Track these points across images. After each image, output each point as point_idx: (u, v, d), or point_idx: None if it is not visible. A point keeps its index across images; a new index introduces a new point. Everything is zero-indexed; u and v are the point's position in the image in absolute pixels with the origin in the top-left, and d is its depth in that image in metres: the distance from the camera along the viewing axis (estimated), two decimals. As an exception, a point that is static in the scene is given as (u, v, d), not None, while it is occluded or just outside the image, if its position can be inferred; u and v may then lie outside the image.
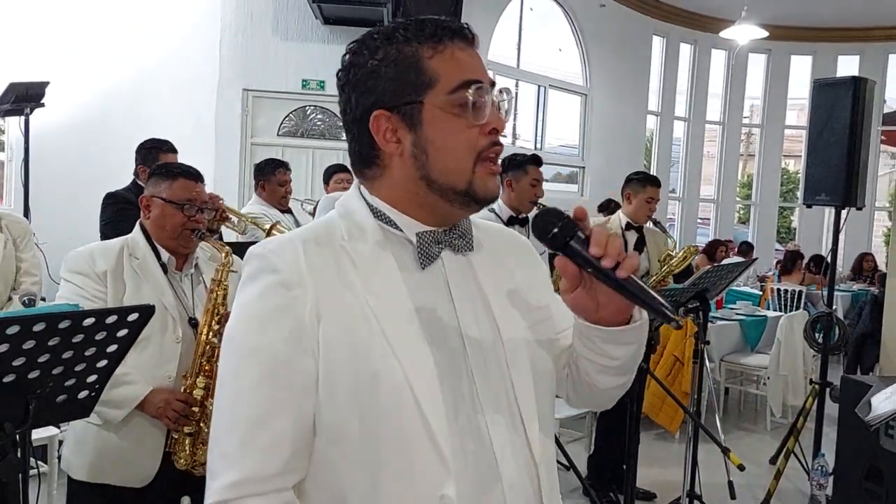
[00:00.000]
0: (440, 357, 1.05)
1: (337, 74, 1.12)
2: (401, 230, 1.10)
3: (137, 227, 2.34)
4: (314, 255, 1.05)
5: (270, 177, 4.47)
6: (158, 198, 2.29)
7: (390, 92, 1.06)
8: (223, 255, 2.30)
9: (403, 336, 1.03)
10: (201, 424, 2.18)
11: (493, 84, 1.08)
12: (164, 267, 2.27)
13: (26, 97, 5.06)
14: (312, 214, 4.60)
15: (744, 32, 9.15)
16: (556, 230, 1.03)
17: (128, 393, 2.10)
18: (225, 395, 1.05)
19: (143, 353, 2.15)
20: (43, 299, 4.77)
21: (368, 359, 1.02)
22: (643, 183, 4.15)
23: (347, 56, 1.11)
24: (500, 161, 1.12)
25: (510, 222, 3.61)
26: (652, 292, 1.02)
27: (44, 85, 5.17)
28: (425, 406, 1.01)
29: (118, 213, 3.81)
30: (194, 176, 2.34)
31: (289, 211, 4.55)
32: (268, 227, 3.82)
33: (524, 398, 1.10)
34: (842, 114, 4.16)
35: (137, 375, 2.13)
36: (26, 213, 5.13)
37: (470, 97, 1.05)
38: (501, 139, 1.11)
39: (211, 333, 2.20)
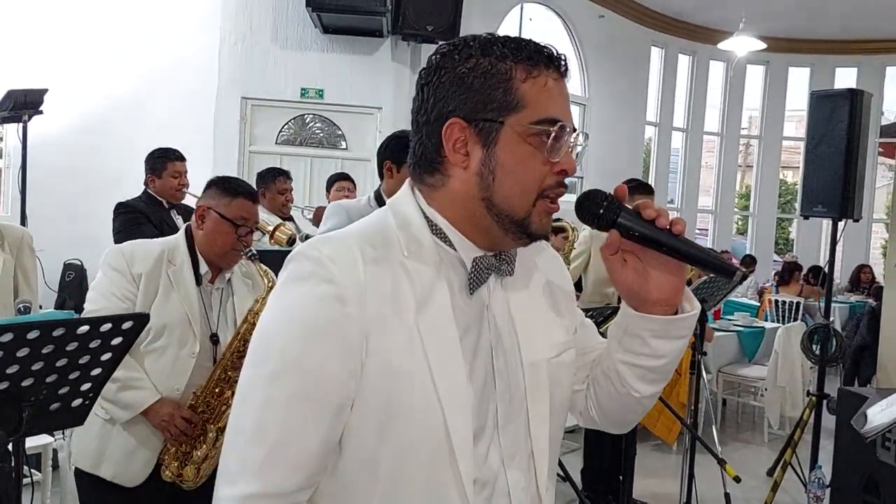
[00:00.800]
0: (474, 391, 1.04)
1: (420, 73, 1.08)
2: (454, 249, 1.06)
3: (183, 231, 2.33)
4: (372, 269, 1.00)
5: (271, 185, 4.51)
6: (216, 212, 2.27)
7: (473, 103, 1.02)
8: (266, 283, 2.30)
9: (446, 370, 1.00)
10: (195, 444, 2.19)
11: (574, 129, 1.06)
12: (198, 278, 2.27)
13: (24, 104, 5.05)
14: (314, 223, 4.61)
15: (742, 44, 9.19)
16: (602, 210, 1.05)
17: (136, 397, 2.13)
18: (254, 400, 0.99)
19: (158, 362, 2.19)
20: (40, 306, 4.76)
21: (407, 388, 0.99)
22: (633, 190, 4.13)
23: (436, 57, 1.06)
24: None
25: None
26: (709, 249, 1.07)
27: (42, 92, 5.16)
28: (457, 445, 1.00)
29: (129, 223, 3.85)
30: (253, 196, 2.35)
31: (290, 219, 4.57)
32: (270, 229, 3.83)
33: (537, 434, 1.10)
34: (839, 126, 4.17)
35: (148, 382, 2.16)
36: (23, 221, 5.12)
37: (552, 135, 1.02)
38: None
39: (231, 364, 2.20)
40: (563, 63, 1.06)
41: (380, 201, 2.75)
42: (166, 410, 2.14)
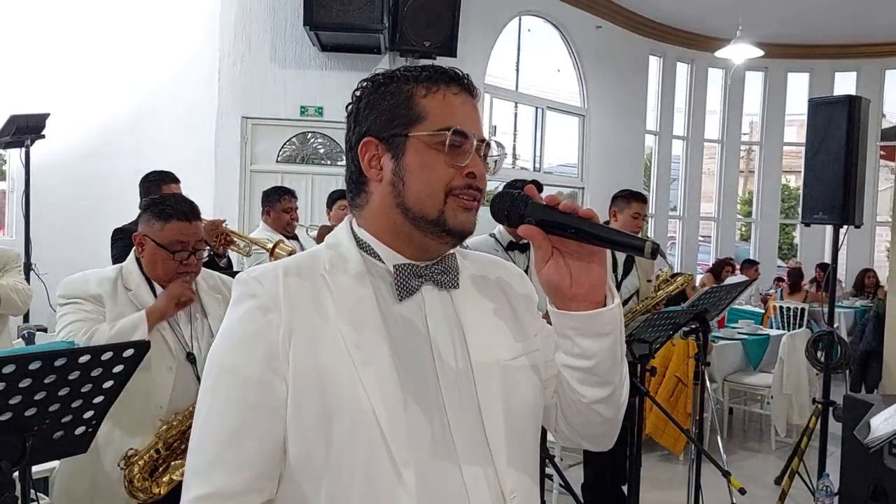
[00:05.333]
0: (410, 389, 1.08)
1: (346, 108, 1.19)
2: (382, 261, 1.14)
3: (132, 257, 2.29)
4: (293, 283, 1.10)
5: (276, 203, 4.54)
6: (150, 238, 2.22)
7: (381, 122, 1.13)
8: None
9: (372, 365, 1.06)
10: (166, 460, 2.13)
11: (482, 140, 1.14)
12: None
13: (27, 129, 5.10)
14: (319, 242, 4.63)
15: (739, 52, 9.20)
16: (510, 202, 1.13)
17: (132, 319, 2.11)
18: (200, 412, 1.10)
19: (136, 381, 2.08)
20: (44, 329, 4.78)
21: (335, 385, 1.05)
22: (628, 199, 4.11)
23: (357, 91, 1.18)
24: (483, 198, 1.16)
25: (510, 247, 3.62)
26: (616, 230, 1.11)
27: (44, 117, 5.21)
28: (389, 435, 1.04)
29: (127, 249, 3.83)
30: (187, 215, 2.23)
31: (295, 237, 4.59)
32: (270, 246, 3.86)
33: (493, 434, 1.12)
34: (837, 132, 4.17)
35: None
36: (27, 244, 5.15)
37: (448, 140, 1.11)
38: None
39: None
40: (464, 80, 1.16)
41: None
42: (175, 291, 2.15)
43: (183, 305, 2.20)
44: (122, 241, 3.88)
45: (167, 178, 4.08)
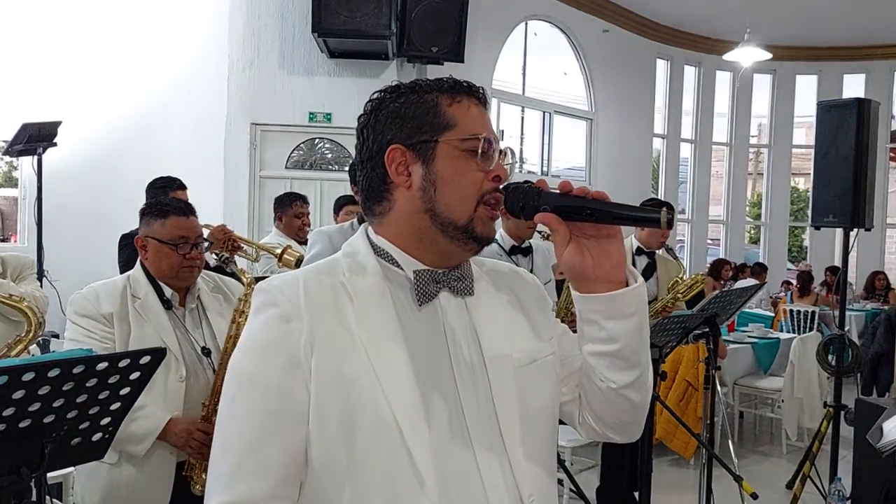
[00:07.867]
0: (429, 394, 1.09)
1: (359, 119, 1.19)
2: (401, 268, 1.16)
3: (138, 264, 2.36)
4: (314, 290, 1.12)
5: (287, 209, 4.58)
6: (152, 238, 2.30)
7: (408, 129, 1.14)
8: (247, 284, 2.35)
9: (393, 372, 1.08)
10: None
11: (500, 147, 1.17)
12: (167, 303, 2.29)
13: (39, 137, 5.14)
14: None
15: (747, 55, 9.18)
16: (523, 195, 1.16)
17: (147, 426, 2.12)
18: (222, 420, 1.12)
19: (150, 394, 2.14)
20: (57, 336, 4.80)
21: (357, 393, 1.06)
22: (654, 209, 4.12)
23: (371, 102, 1.19)
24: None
25: (512, 251, 3.62)
26: (629, 205, 1.14)
27: (56, 125, 5.24)
28: (410, 442, 1.06)
29: (134, 254, 3.86)
30: (184, 211, 2.33)
31: (306, 242, 4.61)
32: (279, 251, 3.88)
33: (510, 438, 1.13)
34: (847, 135, 4.16)
35: (152, 407, 2.14)
36: (39, 251, 5.18)
37: (480, 146, 1.14)
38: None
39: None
40: (480, 93, 1.20)
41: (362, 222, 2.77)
42: (182, 427, 2.15)
43: (188, 449, 2.19)
44: (130, 247, 3.91)
45: (173, 184, 4.11)
